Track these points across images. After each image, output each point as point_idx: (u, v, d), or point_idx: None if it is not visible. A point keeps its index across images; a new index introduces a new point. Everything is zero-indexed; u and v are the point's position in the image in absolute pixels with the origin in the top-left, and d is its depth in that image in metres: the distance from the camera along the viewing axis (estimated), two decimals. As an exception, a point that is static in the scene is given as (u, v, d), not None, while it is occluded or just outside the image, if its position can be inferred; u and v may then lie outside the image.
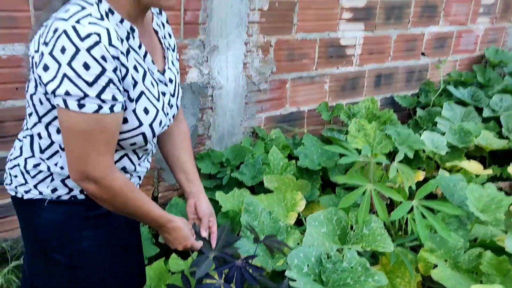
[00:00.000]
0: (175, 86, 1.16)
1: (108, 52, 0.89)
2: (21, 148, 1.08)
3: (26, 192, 1.08)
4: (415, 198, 1.48)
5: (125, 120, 0.99)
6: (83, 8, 0.93)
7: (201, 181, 1.33)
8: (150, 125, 1.03)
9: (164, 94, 1.09)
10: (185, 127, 1.34)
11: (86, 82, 0.88)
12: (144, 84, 1.01)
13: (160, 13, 1.19)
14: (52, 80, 0.89)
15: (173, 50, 1.20)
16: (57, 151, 1.04)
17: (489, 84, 2.82)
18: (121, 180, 1.01)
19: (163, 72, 1.11)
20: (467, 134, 2.25)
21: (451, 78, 2.88)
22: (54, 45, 0.88)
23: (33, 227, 1.12)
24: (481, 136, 2.24)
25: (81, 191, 1.08)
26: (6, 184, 1.12)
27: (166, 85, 1.11)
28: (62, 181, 1.06)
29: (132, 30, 1.00)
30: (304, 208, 1.81)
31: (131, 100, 0.99)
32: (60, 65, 0.88)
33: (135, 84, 0.99)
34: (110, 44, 0.90)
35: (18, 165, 1.08)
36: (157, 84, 1.07)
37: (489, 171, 2.07)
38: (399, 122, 2.46)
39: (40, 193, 1.07)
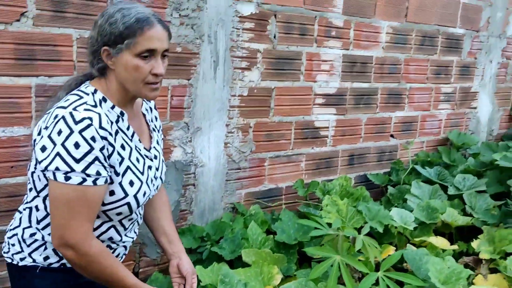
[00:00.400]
0: (159, 162, 1.32)
1: (98, 133, 1.06)
2: (20, 219, 1.20)
3: (21, 259, 1.18)
4: (380, 270, 1.59)
5: (112, 193, 1.13)
6: (80, 97, 1.11)
7: None
8: (135, 196, 1.17)
9: (150, 168, 1.25)
10: (164, 195, 1.49)
11: (74, 159, 1.04)
12: (130, 160, 1.18)
13: (148, 103, 1.38)
14: (45, 158, 1.05)
15: (159, 131, 1.38)
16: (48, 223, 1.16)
17: (455, 164, 3.04)
18: (97, 247, 1.12)
19: (149, 149, 1.28)
20: (434, 210, 2.41)
21: (419, 158, 3.10)
22: (52, 129, 1.05)
23: None
24: (447, 213, 2.39)
25: None
26: (4, 252, 1.22)
27: (151, 160, 1.27)
28: (54, 249, 1.16)
29: (122, 114, 1.18)
30: (280, 282, 1.89)
31: (117, 174, 1.14)
32: (55, 145, 1.04)
33: (121, 160, 1.15)
34: (100, 126, 1.07)
35: (17, 234, 1.19)
36: (144, 160, 1.23)
37: (455, 247, 2.20)
38: (372, 199, 2.61)
39: (34, 260, 1.17)
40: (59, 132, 1.05)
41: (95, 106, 1.12)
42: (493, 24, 3.56)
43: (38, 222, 1.16)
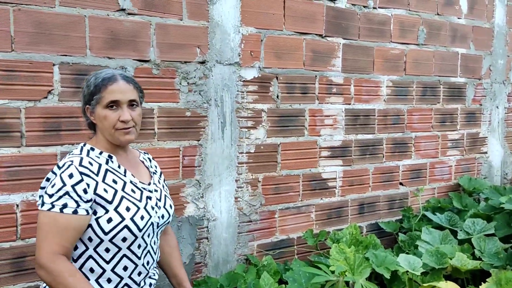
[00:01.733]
0: (161, 195, 1.53)
1: (77, 169, 1.33)
2: None
3: None
4: (380, 313, 1.65)
5: (109, 220, 1.34)
6: (71, 154, 1.41)
7: None
8: (132, 219, 1.36)
9: (149, 198, 1.46)
10: (173, 239, 1.72)
11: (48, 194, 1.31)
12: (124, 191, 1.40)
13: (146, 154, 1.67)
14: (39, 199, 1.34)
15: (160, 176, 1.64)
16: (89, 258, 1.36)
17: (467, 209, 3.07)
18: (63, 265, 1.28)
19: (148, 184, 1.50)
20: (443, 256, 2.44)
21: (430, 205, 3.15)
22: (47, 179, 1.36)
23: None
24: (456, 258, 2.42)
25: None
26: None
27: (151, 192, 1.48)
28: (96, 280, 1.34)
29: (110, 157, 1.44)
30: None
31: (109, 203, 1.35)
32: (43, 188, 1.36)
33: (115, 192, 1.37)
34: (80, 165, 1.34)
35: None
36: (141, 191, 1.45)
37: (465, 290, 2.22)
38: (382, 247, 2.67)
39: None
40: (48, 179, 1.36)
41: (80, 154, 1.40)
42: (495, 72, 3.69)
43: (75, 260, 1.38)
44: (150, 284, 1.52)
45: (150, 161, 1.65)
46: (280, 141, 2.63)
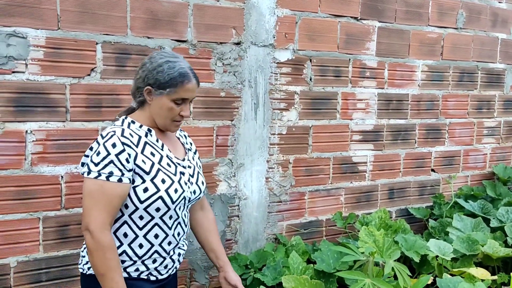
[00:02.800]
0: (194, 171, 1.60)
1: (119, 140, 1.39)
2: None
3: (89, 268, 1.44)
4: (409, 292, 1.67)
5: (145, 189, 1.41)
6: (115, 125, 1.47)
7: None
8: (166, 191, 1.42)
9: (182, 173, 1.53)
10: (211, 214, 1.79)
11: (94, 163, 1.37)
12: (160, 164, 1.47)
13: (182, 131, 1.74)
14: (83, 167, 1.42)
15: (195, 153, 1.70)
16: (124, 223, 1.44)
17: (500, 198, 3.02)
18: (108, 240, 1.36)
19: (182, 160, 1.57)
20: (474, 242, 2.42)
21: (462, 192, 3.11)
22: (90, 148, 1.43)
23: None
24: (488, 245, 2.40)
25: (136, 270, 1.43)
26: (79, 264, 1.49)
27: (184, 168, 1.55)
28: (129, 245, 1.44)
29: (149, 130, 1.51)
30: (317, 306, 2.00)
31: (147, 173, 1.42)
32: (87, 157, 1.43)
33: (152, 164, 1.44)
34: (122, 135, 1.41)
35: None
36: (175, 166, 1.51)
37: (495, 277, 2.20)
38: (412, 232, 2.67)
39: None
40: (91, 148, 1.43)
41: (121, 125, 1.47)
42: (536, 58, 3.57)
43: None
44: (179, 254, 1.60)
45: (186, 138, 1.71)
46: (312, 124, 2.65)
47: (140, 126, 1.49)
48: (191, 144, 1.72)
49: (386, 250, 2.34)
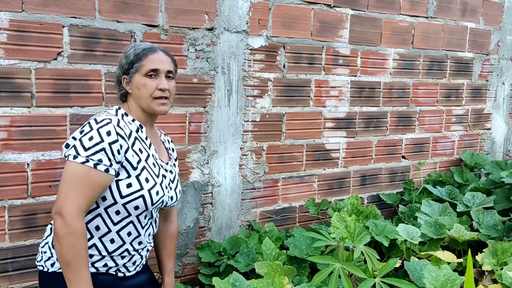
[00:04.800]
0: (174, 178, 1.57)
1: (115, 129, 1.34)
2: (51, 228, 1.43)
3: (52, 265, 1.39)
4: (378, 276, 1.71)
5: (129, 185, 1.37)
6: (109, 113, 1.41)
7: (202, 268, 2.02)
8: (149, 191, 1.39)
9: (164, 176, 1.50)
10: (174, 228, 1.77)
11: (84, 147, 1.31)
12: (146, 162, 1.43)
13: (166, 136, 1.71)
14: (67, 149, 1.33)
15: (176, 160, 1.68)
16: (97, 215, 1.40)
17: (467, 184, 3.11)
18: (80, 226, 1.29)
19: (166, 163, 1.54)
20: (441, 226, 2.49)
21: (431, 178, 3.19)
22: (78, 131, 1.35)
23: None
24: (454, 229, 2.47)
25: (104, 265, 1.40)
26: (37, 261, 1.44)
27: (167, 171, 1.52)
28: (99, 238, 1.40)
29: (141, 126, 1.47)
30: (290, 291, 2.03)
31: (134, 168, 1.38)
32: (75, 139, 1.33)
33: (139, 160, 1.40)
34: (118, 125, 1.36)
35: (48, 242, 1.41)
36: (159, 167, 1.48)
37: (461, 260, 2.28)
38: (382, 217, 2.72)
39: (55, 264, 1.38)
40: (81, 131, 1.34)
41: (116, 115, 1.43)
42: (503, 48, 3.66)
43: None
44: (147, 250, 1.61)
45: (169, 143, 1.71)
46: (285, 111, 2.65)
47: (133, 120, 1.47)
48: (173, 150, 1.71)
49: (357, 235, 2.38)
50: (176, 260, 2.38)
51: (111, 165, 1.34)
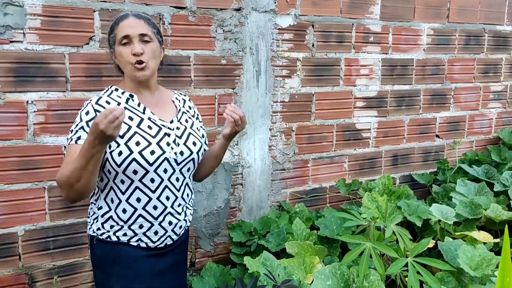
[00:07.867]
0: (183, 132, 1.54)
1: (93, 107, 1.42)
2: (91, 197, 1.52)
3: (102, 234, 1.47)
4: (410, 256, 1.69)
5: (120, 153, 1.40)
6: (98, 95, 1.48)
7: (233, 247, 2.01)
8: (140, 152, 1.40)
9: (168, 134, 1.49)
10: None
11: (70, 130, 1.42)
12: (139, 127, 1.45)
13: (182, 95, 1.69)
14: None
15: (197, 118, 1.66)
16: (110, 189, 1.45)
17: (505, 162, 3.01)
18: (65, 168, 1.34)
19: (171, 122, 1.53)
20: (477, 207, 2.43)
21: (467, 157, 3.10)
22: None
23: (91, 258, 1.53)
24: (490, 209, 2.41)
25: (124, 234, 1.44)
26: (88, 230, 1.53)
27: (171, 129, 1.51)
28: (115, 211, 1.43)
29: (131, 96, 1.50)
30: (320, 270, 2.04)
31: (121, 137, 1.41)
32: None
33: (129, 128, 1.43)
34: (96, 103, 1.43)
35: (91, 209, 1.50)
36: (159, 127, 1.48)
37: (497, 240, 2.22)
38: (415, 197, 2.68)
39: (93, 231, 1.46)
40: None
41: (106, 93, 1.48)
42: (546, 20, 3.48)
43: (95, 200, 1.51)
44: (170, 223, 1.51)
45: (184, 101, 1.66)
46: (315, 91, 2.62)
47: (123, 93, 1.49)
48: (190, 107, 1.67)
49: (388, 215, 2.35)
50: (208, 240, 2.43)
51: None
